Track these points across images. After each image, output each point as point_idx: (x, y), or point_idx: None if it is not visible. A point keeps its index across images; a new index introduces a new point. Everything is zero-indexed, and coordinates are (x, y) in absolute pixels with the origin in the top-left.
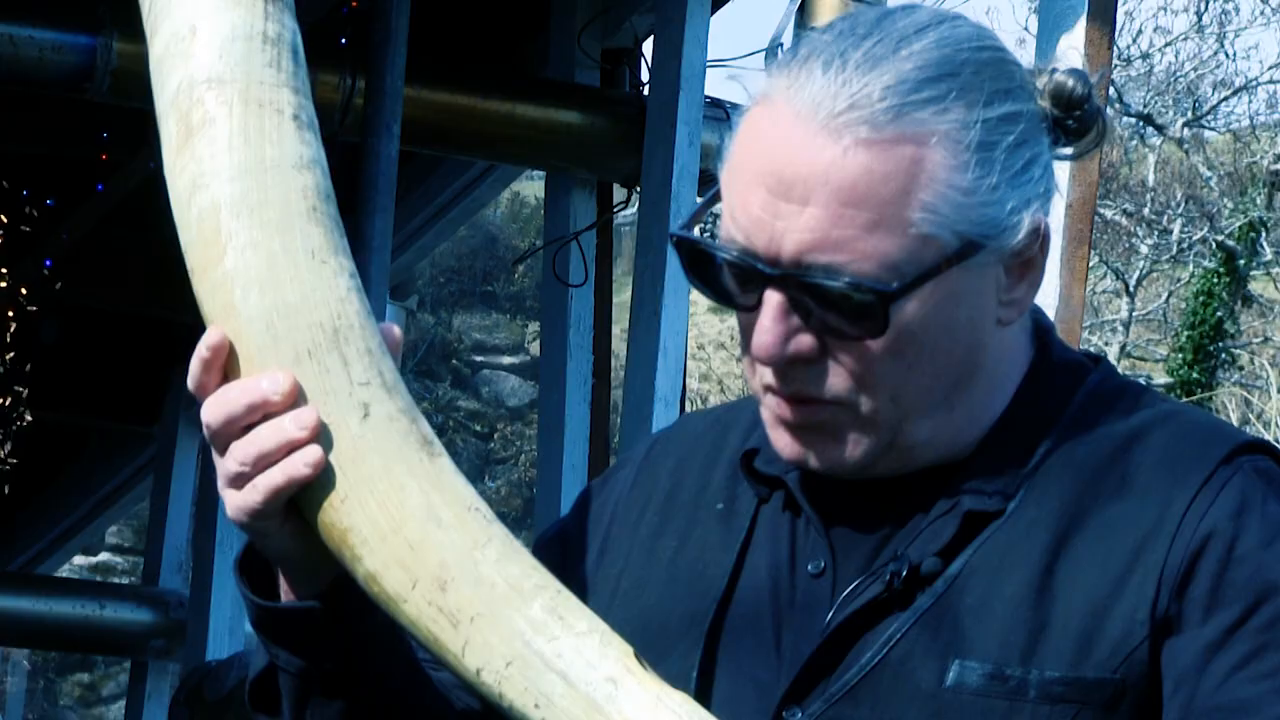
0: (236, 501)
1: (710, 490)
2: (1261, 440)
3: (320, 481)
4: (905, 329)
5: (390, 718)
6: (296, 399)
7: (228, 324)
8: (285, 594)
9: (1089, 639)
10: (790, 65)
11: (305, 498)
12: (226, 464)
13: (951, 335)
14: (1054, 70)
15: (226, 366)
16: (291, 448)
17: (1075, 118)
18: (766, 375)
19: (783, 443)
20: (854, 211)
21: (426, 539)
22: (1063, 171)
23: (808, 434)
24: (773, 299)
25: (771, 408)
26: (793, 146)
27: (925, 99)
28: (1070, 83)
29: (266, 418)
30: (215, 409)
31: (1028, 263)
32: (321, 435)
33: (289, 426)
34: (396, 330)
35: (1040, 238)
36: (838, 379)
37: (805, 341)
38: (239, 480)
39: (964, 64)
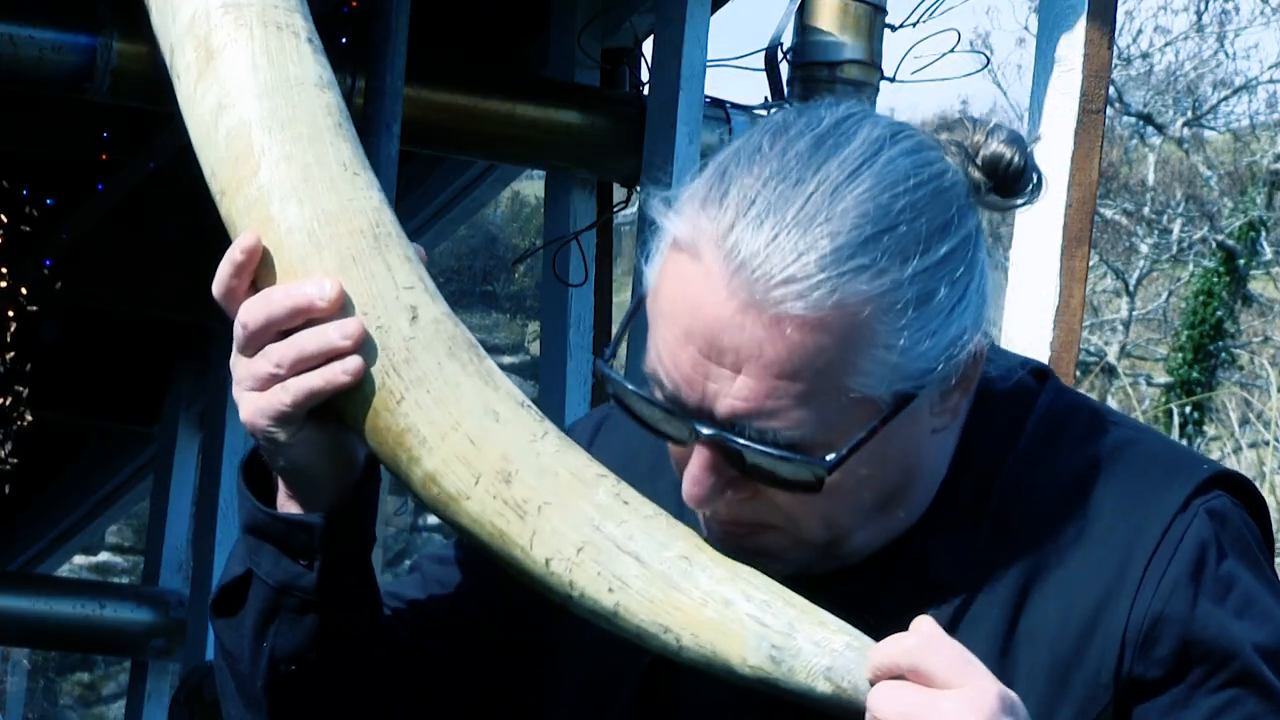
0: (260, 403)
1: None
2: (1215, 472)
3: (372, 385)
4: (838, 480)
5: (342, 655)
6: (342, 305)
7: (266, 237)
8: (281, 504)
9: (1052, 702)
10: (722, 207)
11: (355, 403)
12: (256, 364)
13: (885, 466)
14: (993, 130)
15: (258, 277)
16: (333, 355)
17: (1008, 188)
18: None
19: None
20: (788, 383)
21: (486, 434)
22: (1063, 171)
23: (741, 549)
24: (704, 452)
25: (703, 525)
26: (725, 315)
27: (861, 266)
28: (1008, 155)
29: (309, 323)
30: (255, 310)
31: (963, 379)
32: (370, 340)
33: (333, 334)
34: (421, 248)
35: (977, 358)
36: (770, 512)
37: (736, 487)
38: (268, 381)
39: (901, 212)
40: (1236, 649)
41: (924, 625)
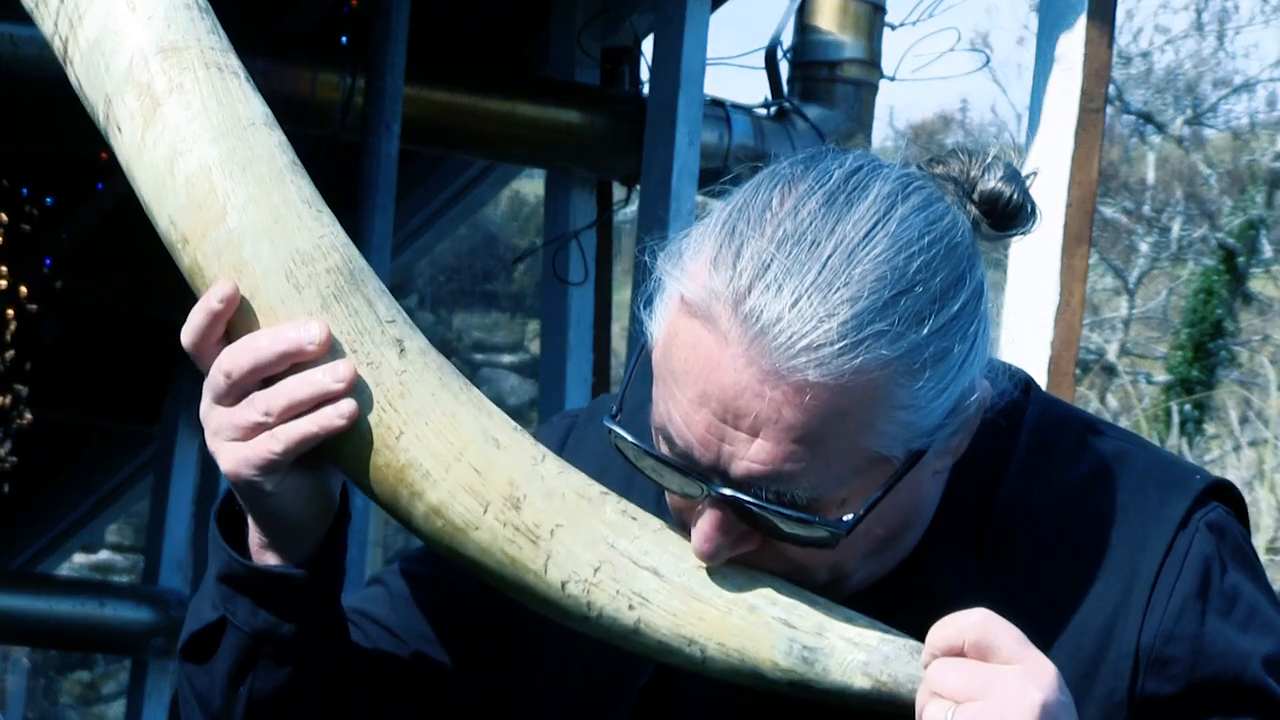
0: (244, 453)
1: None
2: (1209, 482)
3: (368, 423)
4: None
5: (319, 686)
6: (331, 348)
7: (242, 282)
8: (257, 554)
9: None
10: (735, 269)
11: (349, 442)
12: (239, 414)
13: (891, 514)
14: (990, 165)
15: (232, 323)
16: (325, 399)
17: (1005, 224)
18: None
19: None
20: (805, 447)
21: (490, 461)
22: (1062, 171)
23: None
24: (715, 510)
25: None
26: (743, 382)
27: (880, 331)
28: (1006, 193)
29: (295, 368)
30: (239, 358)
31: (967, 425)
32: (361, 379)
33: (324, 378)
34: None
35: (981, 405)
36: (777, 562)
37: (746, 540)
38: (254, 430)
39: (917, 273)
40: (1244, 663)
41: (980, 610)
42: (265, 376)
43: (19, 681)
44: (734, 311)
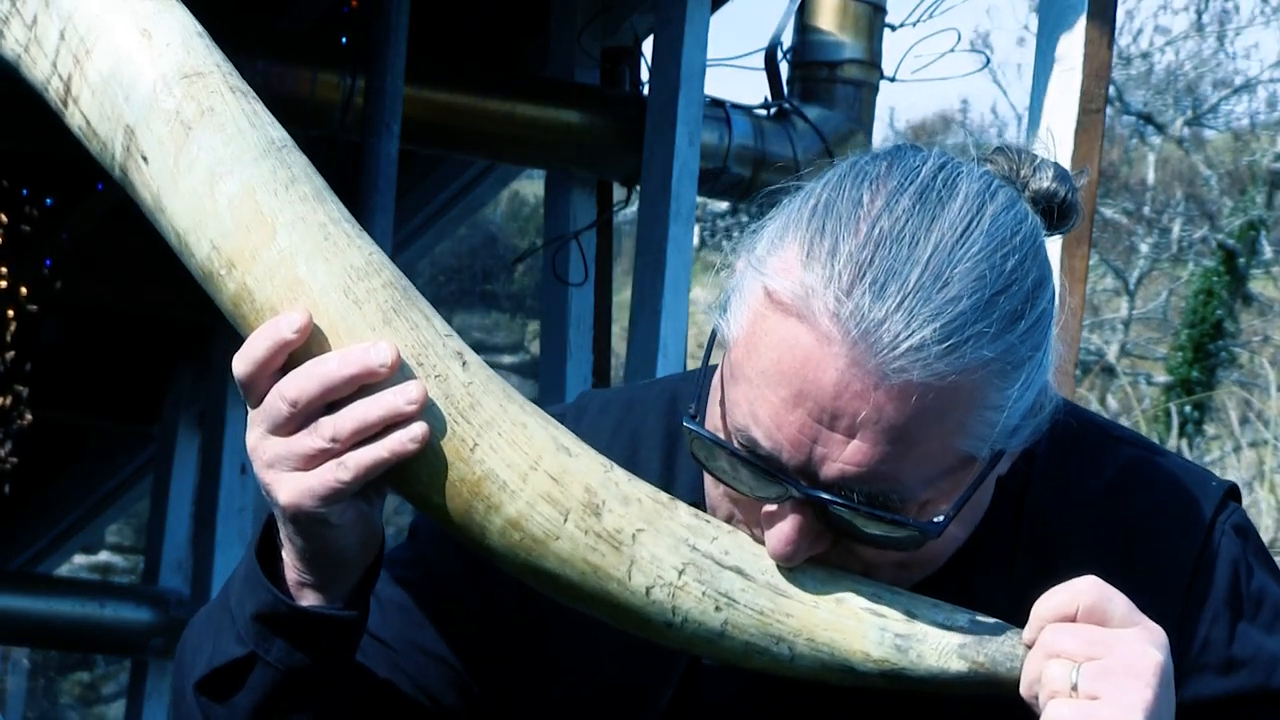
0: (308, 482)
1: None
2: (1227, 486)
3: (440, 438)
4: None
5: (339, 707)
6: (400, 368)
7: (297, 302)
8: (295, 591)
9: None
10: (832, 266)
11: (423, 462)
12: (300, 442)
13: (968, 513)
14: (1040, 165)
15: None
16: (395, 422)
17: (1057, 224)
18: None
19: None
20: (901, 447)
21: (565, 469)
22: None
23: None
24: (799, 513)
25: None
26: (844, 382)
27: (982, 332)
28: (1061, 192)
29: (362, 389)
30: (306, 384)
31: (1039, 424)
32: (432, 391)
33: (395, 400)
34: None
35: (1056, 406)
36: (847, 560)
37: (821, 544)
38: (317, 458)
39: (1013, 272)
40: (1273, 664)
41: (1090, 578)
42: (328, 402)
43: (19, 682)
44: (835, 311)
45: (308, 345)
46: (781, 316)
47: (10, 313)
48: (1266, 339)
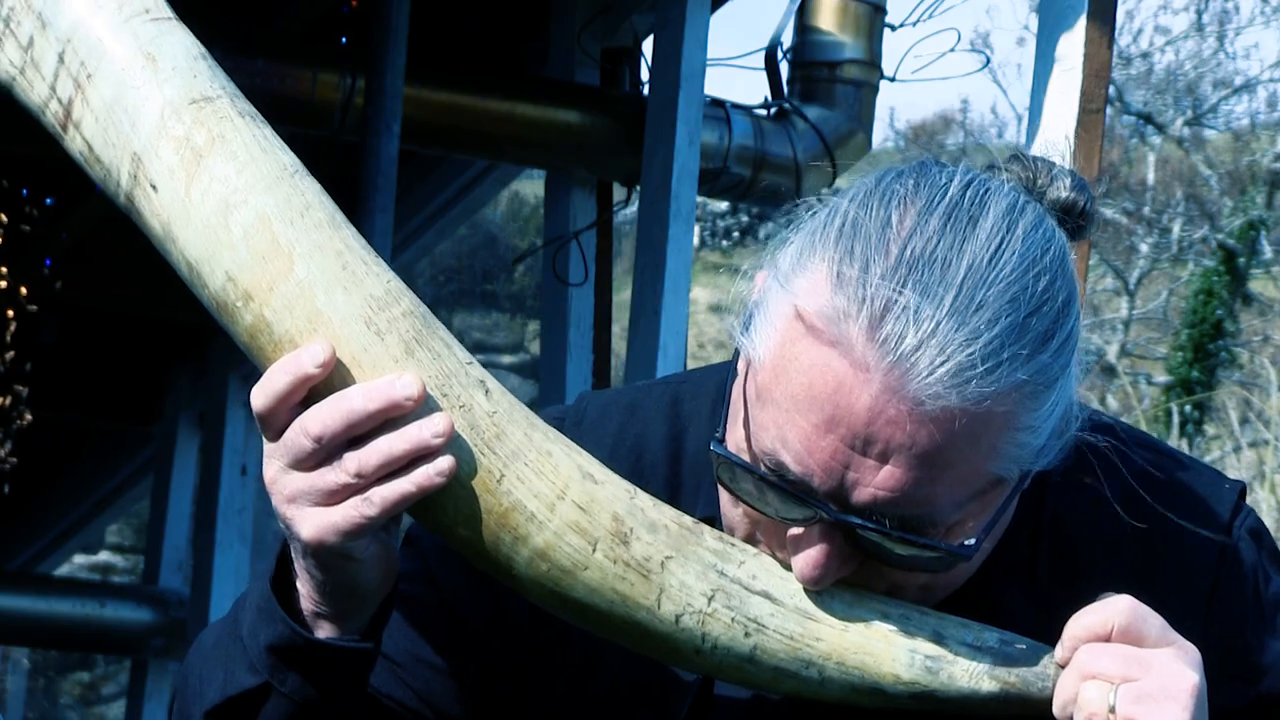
0: (331, 518)
1: None
2: (1239, 488)
3: (468, 470)
4: None
5: None
6: (426, 401)
7: (317, 333)
8: (311, 622)
9: None
10: (865, 287)
11: (449, 495)
12: (323, 477)
13: (996, 533)
14: (1057, 174)
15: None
16: (421, 455)
17: (1074, 233)
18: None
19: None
20: (935, 472)
21: (592, 497)
22: None
23: None
24: (828, 537)
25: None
26: (878, 408)
27: (1017, 354)
28: (1080, 202)
29: (386, 423)
30: (330, 419)
31: (1066, 442)
32: (457, 422)
33: (421, 434)
34: None
35: (1083, 423)
36: (877, 583)
37: (849, 566)
38: (342, 493)
39: (1044, 291)
40: None
41: (1124, 597)
42: (351, 436)
43: (19, 682)
44: (869, 337)
45: (329, 378)
46: (812, 341)
47: (10, 313)
48: (1266, 339)
